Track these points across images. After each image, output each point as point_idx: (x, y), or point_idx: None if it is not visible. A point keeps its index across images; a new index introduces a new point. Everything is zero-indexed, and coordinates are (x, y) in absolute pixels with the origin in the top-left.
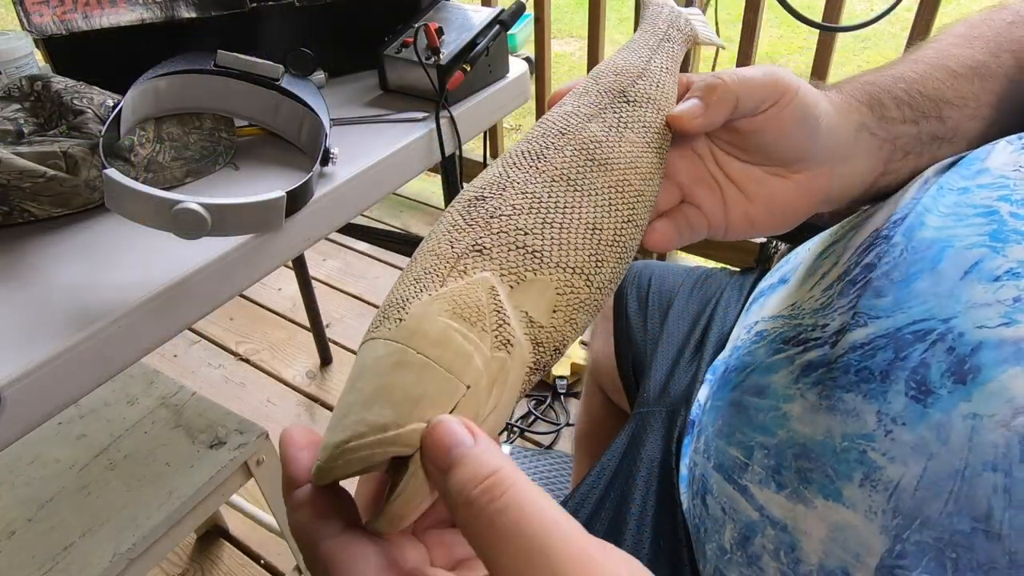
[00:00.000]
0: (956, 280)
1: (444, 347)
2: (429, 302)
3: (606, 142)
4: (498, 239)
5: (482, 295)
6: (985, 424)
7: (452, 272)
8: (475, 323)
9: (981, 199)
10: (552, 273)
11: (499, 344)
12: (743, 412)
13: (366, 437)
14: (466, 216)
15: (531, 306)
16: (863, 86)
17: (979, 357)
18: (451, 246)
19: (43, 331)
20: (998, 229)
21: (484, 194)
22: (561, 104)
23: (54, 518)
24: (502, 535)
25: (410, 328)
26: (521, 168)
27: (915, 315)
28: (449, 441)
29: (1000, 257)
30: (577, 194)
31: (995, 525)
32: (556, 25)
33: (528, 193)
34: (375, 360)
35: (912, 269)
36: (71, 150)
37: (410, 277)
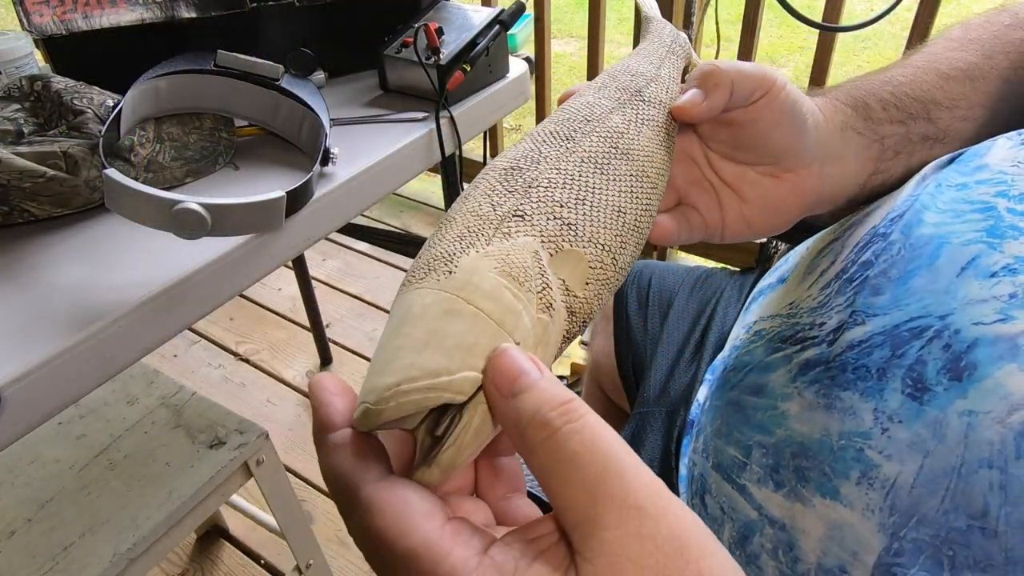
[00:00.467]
0: (953, 277)
1: (496, 301)
2: (478, 258)
3: (627, 134)
4: (537, 207)
5: (528, 258)
6: (981, 421)
7: (497, 233)
8: (523, 283)
9: (979, 195)
10: (586, 247)
11: (543, 307)
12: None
13: (419, 381)
14: (504, 183)
15: (567, 275)
16: (847, 90)
17: (975, 354)
18: (493, 209)
19: (43, 331)
20: (995, 225)
21: (520, 165)
22: (580, 95)
23: (54, 518)
24: (577, 455)
25: (461, 280)
26: (552, 146)
27: (912, 312)
28: (517, 368)
29: (997, 253)
30: (604, 177)
31: (991, 522)
32: (556, 25)
33: (561, 170)
34: (423, 307)
35: (909, 266)
36: (71, 150)
37: (452, 234)
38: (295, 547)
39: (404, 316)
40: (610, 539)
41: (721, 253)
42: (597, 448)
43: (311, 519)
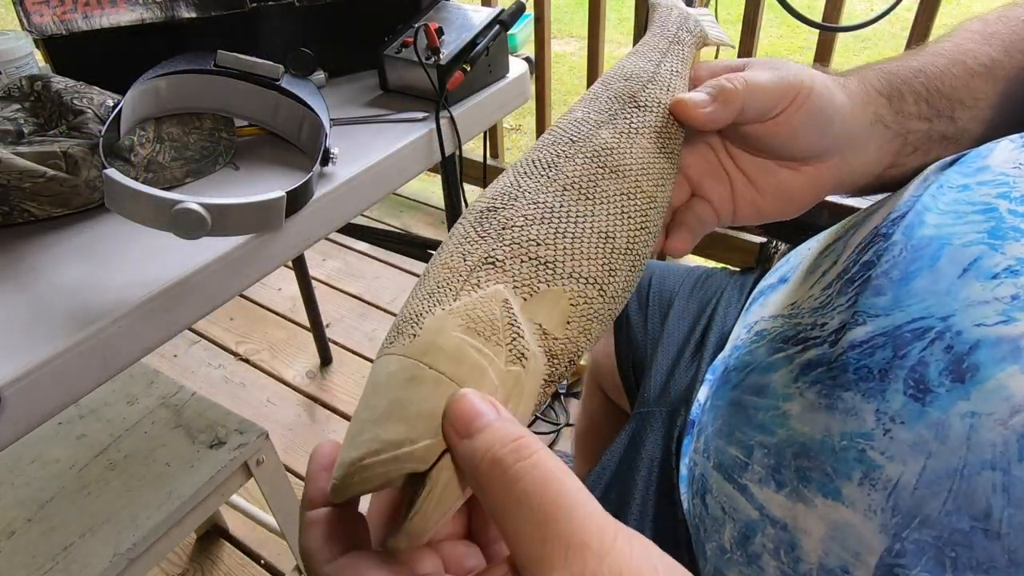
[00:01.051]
0: (954, 278)
1: (458, 362)
2: (443, 317)
3: (617, 148)
4: (510, 251)
5: (496, 309)
6: (983, 423)
7: (465, 285)
8: (489, 337)
9: (980, 196)
10: (565, 284)
11: (513, 358)
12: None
13: (381, 454)
14: (478, 228)
15: (544, 318)
16: (885, 75)
17: (977, 355)
18: (463, 259)
19: (43, 331)
20: (996, 227)
21: (496, 205)
22: (571, 111)
23: (54, 518)
24: (527, 494)
25: (424, 342)
26: (532, 177)
27: (914, 313)
28: (473, 411)
29: (998, 255)
30: (589, 203)
31: (994, 524)
32: (556, 25)
33: (540, 203)
34: (388, 376)
35: (911, 267)
36: (71, 150)
37: (423, 291)
38: (295, 547)
39: (373, 386)
40: None
41: (721, 253)
42: (548, 487)
43: None
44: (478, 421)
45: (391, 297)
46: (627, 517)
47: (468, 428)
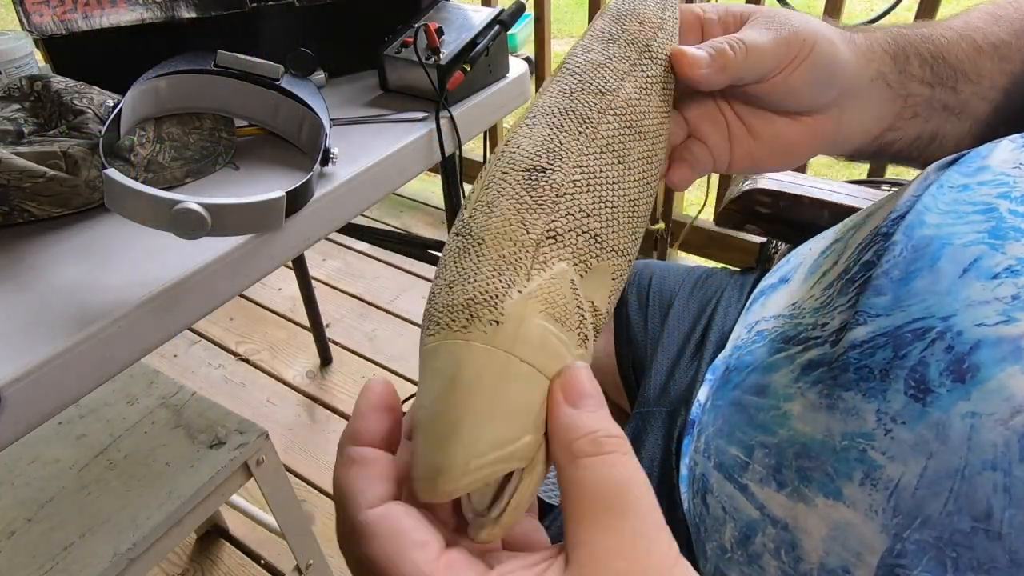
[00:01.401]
0: (955, 278)
1: (545, 351)
2: (523, 302)
3: (639, 106)
4: (567, 223)
5: (567, 291)
6: (984, 423)
7: (534, 264)
8: (564, 323)
9: (980, 196)
10: (610, 258)
11: (581, 340)
12: (743, 411)
13: (487, 455)
14: (531, 193)
15: (595, 294)
16: (893, 37)
17: (978, 355)
18: (525, 230)
19: (43, 331)
20: (997, 226)
21: (542, 164)
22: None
23: (54, 518)
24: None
25: (510, 333)
26: (571, 133)
27: (914, 313)
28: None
29: (999, 254)
30: (621, 167)
31: (995, 524)
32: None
33: (584, 167)
34: (477, 371)
35: (911, 267)
36: (71, 150)
37: (488, 264)
38: (295, 547)
39: (456, 378)
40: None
41: (721, 253)
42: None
43: (311, 519)
44: (590, 399)
45: (391, 297)
46: None
47: (577, 398)
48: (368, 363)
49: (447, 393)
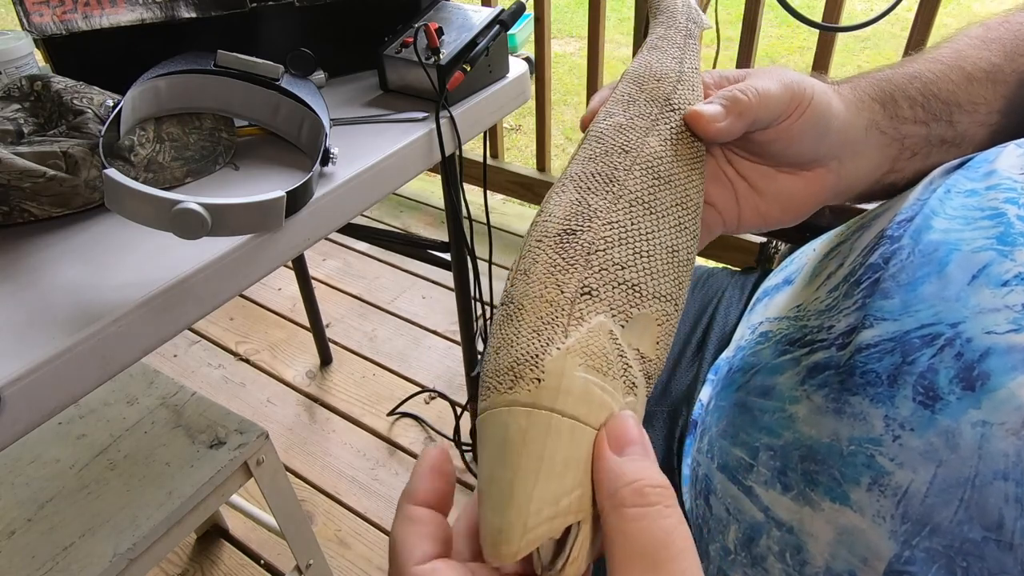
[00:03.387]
0: (964, 284)
1: (588, 403)
2: (561, 357)
3: (665, 157)
4: (601, 278)
5: (606, 342)
6: (995, 432)
7: (571, 321)
8: (607, 372)
9: (988, 202)
10: (651, 305)
11: (627, 388)
12: (748, 413)
13: (542, 513)
14: (563, 255)
15: (640, 342)
16: (878, 83)
17: (987, 363)
18: (560, 290)
19: (43, 331)
20: (1005, 232)
21: (572, 227)
22: (609, 115)
23: (54, 518)
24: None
25: (552, 388)
26: (598, 194)
27: (923, 319)
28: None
29: (1008, 261)
30: (654, 217)
31: (1007, 535)
32: (556, 25)
33: (614, 223)
34: (522, 432)
35: (919, 272)
36: (71, 150)
37: (526, 327)
38: (295, 547)
39: (504, 443)
40: None
41: (721, 253)
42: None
43: (311, 519)
44: (636, 446)
45: (391, 297)
46: None
47: (622, 446)
48: (368, 363)
49: (498, 458)
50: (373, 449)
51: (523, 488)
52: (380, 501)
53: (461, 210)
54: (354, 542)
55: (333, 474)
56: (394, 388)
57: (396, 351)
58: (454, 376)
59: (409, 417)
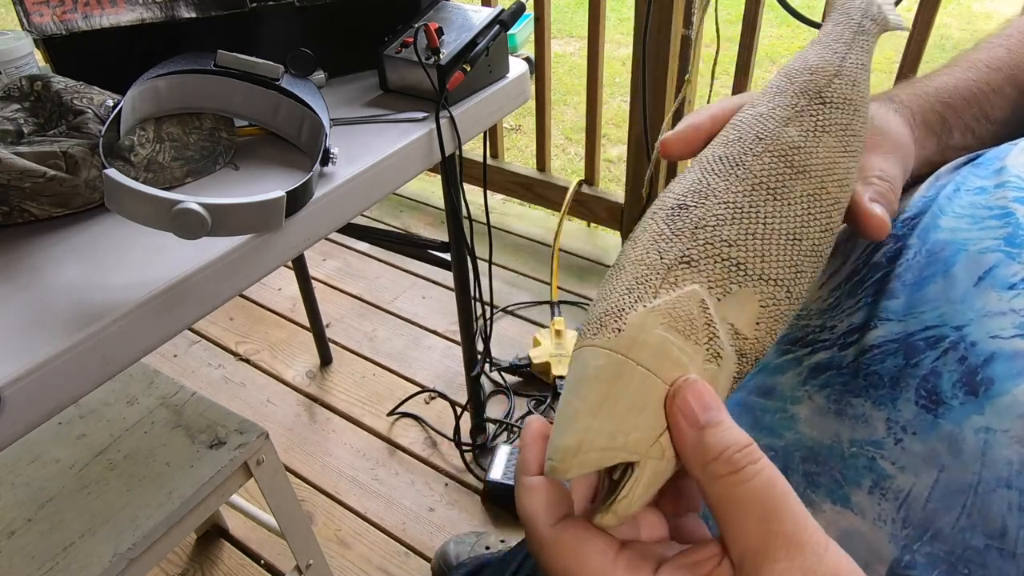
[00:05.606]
0: (969, 286)
1: (662, 358)
2: (645, 314)
3: (804, 147)
4: (704, 251)
5: (694, 308)
6: (999, 439)
7: (664, 284)
8: (688, 336)
9: (997, 200)
10: (755, 285)
11: (710, 356)
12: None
13: (595, 444)
14: (671, 226)
15: (736, 318)
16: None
17: (992, 368)
18: (660, 257)
19: (43, 331)
20: (1014, 233)
21: (687, 203)
22: (754, 105)
23: (54, 518)
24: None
25: (629, 338)
26: (720, 175)
27: (927, 320)
28: (706, 402)
29: (1016, 264)
30: (777, 203)
31: (1010, 543)
32: (556, 25)
33: (729, 203)
34: (597, 369)
35: (925, 272)
36: (71, 150)
37: (622, 285)
38: (295, 547)
39: (581, 376)
40: (779, 570)
41: None
42: (773, 490)
43: (311, 519)
44: (711, 413)
45: (391, 297)
46: None
47: (698, 419)
48: (368, 363)
49: (572, 388)
50: (373, 449)
51: (584, 417)
52: (380, 501)
53: (461, 210)
54: (354, 542)
55: (333, 474)
56: (394, 388)
57: (396, 351)
58: (454, 376)
59: (409, 417)
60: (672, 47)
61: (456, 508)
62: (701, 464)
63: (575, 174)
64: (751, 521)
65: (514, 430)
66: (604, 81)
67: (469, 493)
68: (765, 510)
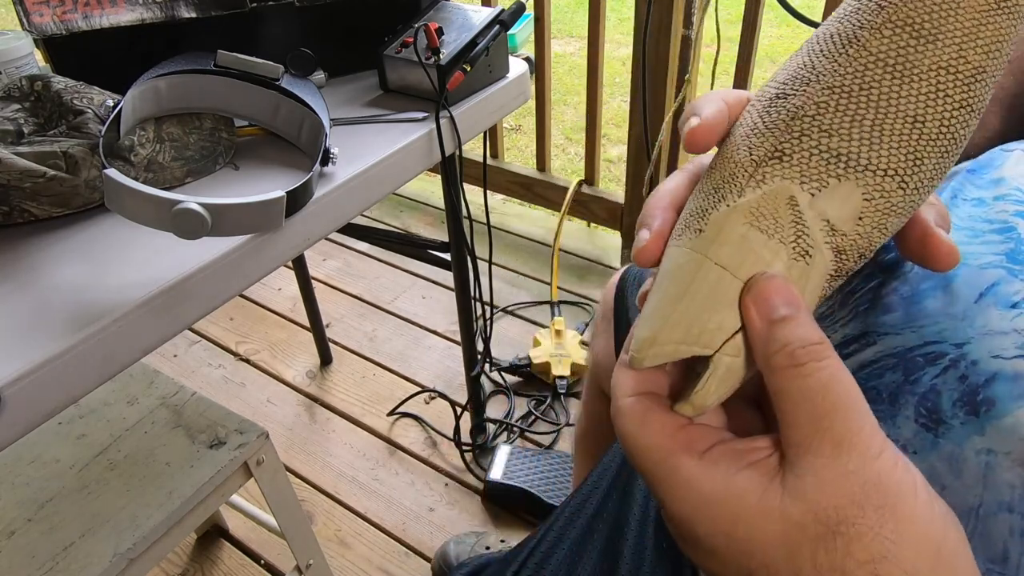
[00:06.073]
0: (971, 302)
1: (742, 257)
2: (727, 213)
3: (938, 10)
4: (799, 143)
5: (780, 206)
6: (1000, 462)
7: (750, 181)
8: (772, 235)
9: (997, 213)
10: (859, 178)
11: (797, 255)
12: None
13: (672, 336)
14: (766, 118)
15: (833, 214)
16: None
17: (993, 389)
18: (749, 153)
19: (43, 331)
20: (1015, 249)
21: (786, 91)
22: None
23: (54, 518)
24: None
25: (708, 238)
26: (828, 56)
27: (927, 336)
28: (781, 298)
29: (1018, 281)
30: (896, 82)
31: (1011, 569)
32: (556, 25)
33: (835, 87)
34: (677, 267)
35: (923, 285)
36: (71, 150)
37: (709, 186)
38: (295, 547)
39: (663, 273)
40: (820, 465)
41: None
42: (831, 389)
43: (311, 519)
44: (782, 310)
45: (391, 297)
46: (629, 517)
47: (770, 313)
48: (368, 363)
49: (657, 285)
50: (373, 449)
51: (663, 312)
52: (380, 501)
53: (461, 210)
54: (354, 542)
55: (333, 474)
56: (394, 388)
57: (396, 351)
58: (454, 376)
59: (409, 417)
60: (672, 47)
61: (456, 508)
62: (765, 357)
63: (575, 174)
64: (803, 417)
65: (513, 429)
66: (604, 81)
67: (469, 493)
68: (817, 408)
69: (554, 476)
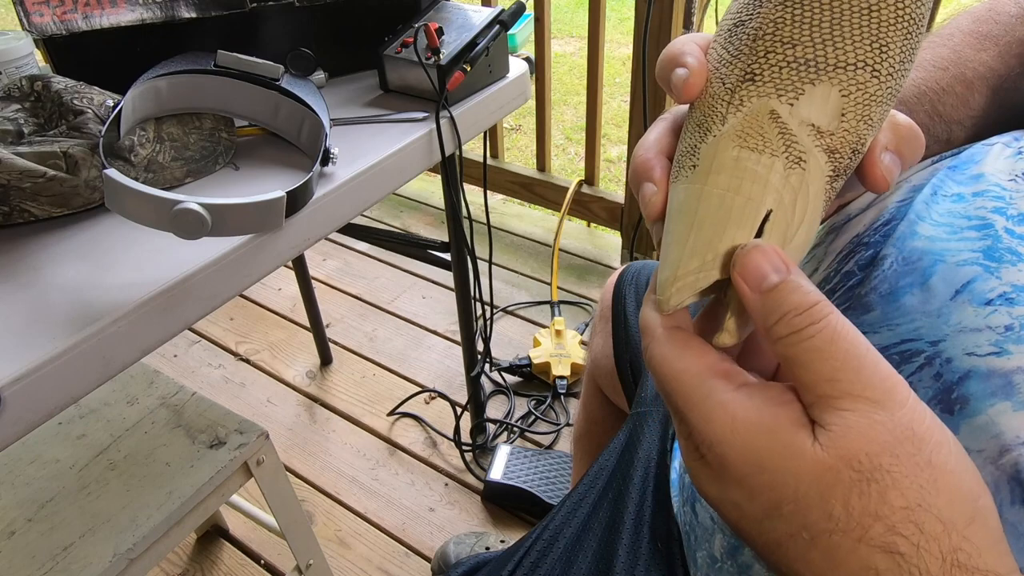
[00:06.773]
0: (946, 299)
1: (739, 177)
2: (715, 142)
3: None
4: (767, 60)
5: (764, 122)
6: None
7: (730, 108)
8: (763, 150)
9: (975, 210)
10: (832, 77)
11: (791, 163)
12: None
13: (689, 267)
14: (729, 48)
15: (816, 117)
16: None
17: (967, 387)
18: (722, 83)
19: (43, 331)
20: (992, 246)
21: (742, 18)
22: None
23: (54, 518)
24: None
25: (704, 170)
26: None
27: (903, 334)
28: (769, 264)
29: (993, 279)
30: None
31: None
32: (556, 25)
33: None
34: (679, 203)
35: (901, 282)
36: (71, 150)
37: (693, 125)
38: (295, 547)
39: (669, 214)
40: (846, 415)
41: None
42: (836, 346)
43: (311, 519)
44: (772, 277)
45: (391, 297)
46: (624, 516)
47: (761, 283)
48: (368, 363)
49: (666, 229)
50: (373, 449)
51: (675, 249)
52: (380, 501)
53: (461, 210)
54: (354, 542)
55: (333, 474)
56: (394, 388)
57: (396, 351)
58: (454, 376)
59: (409, 417)
60: None
61: (456, 508)
62: (765, 328)
63: (575, 174)
64: (815, 378)
65: (513, 429)
66: (604, 81)
67: (469, 493)
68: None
69: (554, 476)
